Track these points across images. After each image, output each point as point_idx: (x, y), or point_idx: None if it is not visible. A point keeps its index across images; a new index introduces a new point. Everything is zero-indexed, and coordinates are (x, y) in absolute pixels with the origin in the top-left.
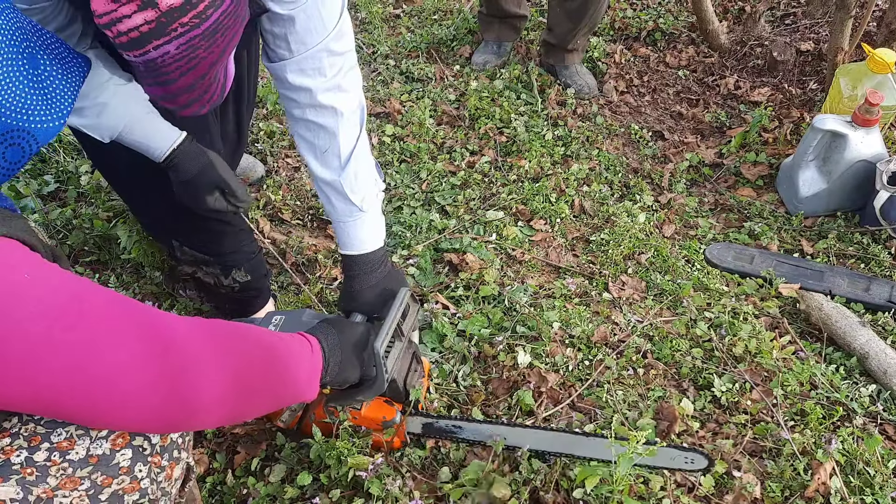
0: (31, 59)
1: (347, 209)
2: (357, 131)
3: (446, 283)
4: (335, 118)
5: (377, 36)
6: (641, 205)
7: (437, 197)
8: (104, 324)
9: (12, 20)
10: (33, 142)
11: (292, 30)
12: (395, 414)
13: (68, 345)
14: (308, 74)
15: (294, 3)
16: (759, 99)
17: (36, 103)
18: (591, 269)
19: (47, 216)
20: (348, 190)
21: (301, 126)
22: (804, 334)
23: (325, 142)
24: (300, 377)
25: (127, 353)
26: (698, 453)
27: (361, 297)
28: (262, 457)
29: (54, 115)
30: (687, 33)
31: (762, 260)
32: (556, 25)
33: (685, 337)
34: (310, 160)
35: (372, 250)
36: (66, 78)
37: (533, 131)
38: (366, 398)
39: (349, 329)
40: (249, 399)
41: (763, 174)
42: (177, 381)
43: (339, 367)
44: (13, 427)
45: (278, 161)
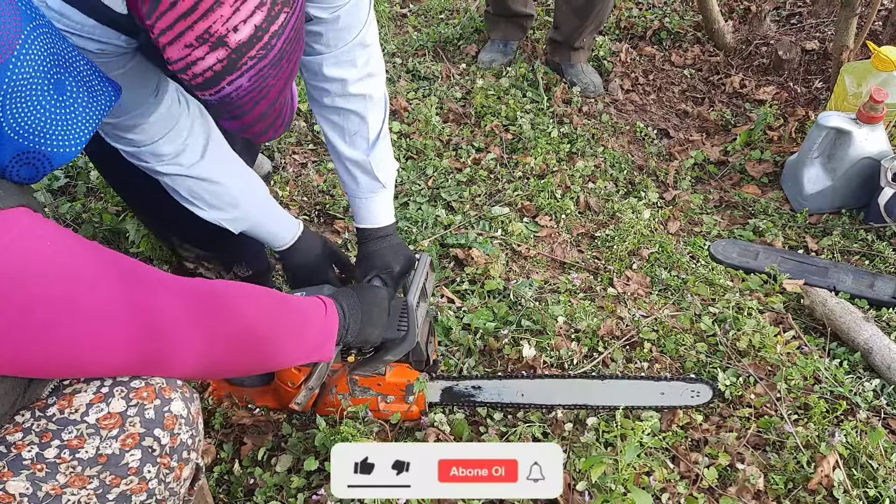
0: (57, 84)
1: (371, 185)
2: (383, 113)
3: (452, 278)
4: (365, 103)
5: (384, 34)
6: (646, 202)
7: (443, 193)
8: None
9: (47, 44)
10: (48, 164)
11: (334, 27)
12: (419, 376)
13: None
14: (343, 66)
15: (337, 7)
16: (765, 97)
17: (56, 129)
18: (596, 265)
19: (57, 210)
20: (375, 168)
21: (331, 112)
22: (808, 330)
23: (355, 126)
24: (309, 336)
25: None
26: (703, 383)
27: (377, 259)
28: (268, 447)
29: (72, 142)
30: (692, 32)
31: (767, 256)
32: (562, 23)
33: (690, 332)
34: (337, 142)
35: (388, 223)
36: (91, 106)
37: (539, 129)
38: (395, 357)
39: (370, 291)
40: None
41: (768, 172)
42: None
43: (360, 325)
44: (25, 422)
45: (286, 157)
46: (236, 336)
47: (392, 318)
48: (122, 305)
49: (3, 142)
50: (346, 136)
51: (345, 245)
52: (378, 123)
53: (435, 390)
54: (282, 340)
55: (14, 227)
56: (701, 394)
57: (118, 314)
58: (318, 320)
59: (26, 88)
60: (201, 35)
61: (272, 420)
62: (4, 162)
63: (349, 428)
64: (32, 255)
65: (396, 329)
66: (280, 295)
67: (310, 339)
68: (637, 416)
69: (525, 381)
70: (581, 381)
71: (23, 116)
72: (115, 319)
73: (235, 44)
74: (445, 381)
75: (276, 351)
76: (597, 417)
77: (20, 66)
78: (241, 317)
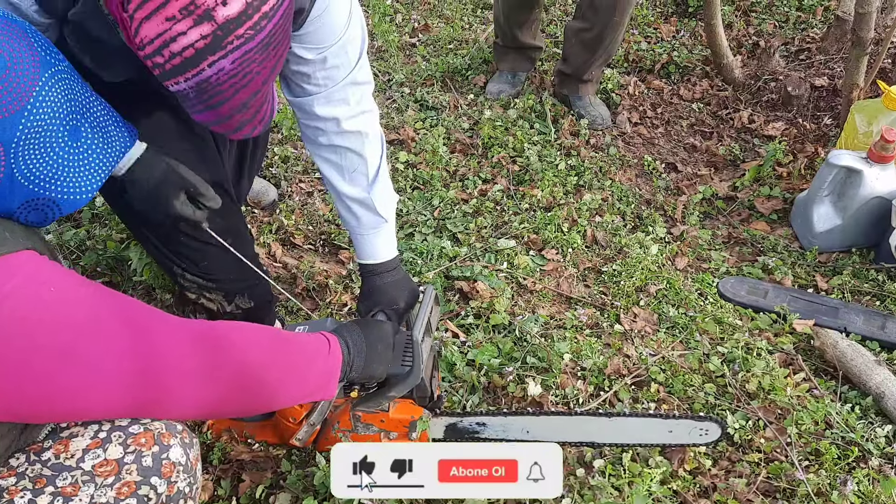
0: (73, 131)
1: (374, 221)
2: (381, 148)
3: (456, 311)
4: (361, 139)
5: (393, 64)
6: (654, 236)
7: (449, 224)
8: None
9: (65, 89)
10: (57, 210)
11: (322, 68)
12: (423, 412)
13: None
14: (335, 105)
15: (323, 48)
16: (774, 133)
17: (68, 176)
18: (602, 301)
19: (61, 237)
20: (377, 204)
21: (327, 151)
22: (819, 372)
23: (352, 163)
24: (311, 376)
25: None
26: (712, 421)
27: (381, 295)
28: (267, 485)
29: (83, 189)
30: (701, 67)
31: (776, 295)
32: (571, 55)
33: (698, 372)
34: (336, 180)
35: (392, 257)
36: (105, 152)
37: (546, 161)
38: (400, 393)
39: (375, 326)
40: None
41: (777, 208)
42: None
43: (364, 362)
44: (20, 466)
45: (292, 185)
46: (237, 379)
47: (397, 353)
48: (121, 353)
49: (13, 188)
50: (345, 175)
51: (349, 276)
52: (377, 159)
53: (439, 427)
54: (283, 382)
55: (18, 273)
56: (710, 432)
57: (117, 362)
58: (321, 360)
59: (41, 135)
60: (186, 6)
61: (271, 456)
62: (13, 208)
63: None
64: (34, 302)
65: (401, 364)
66: (282, 334)
67: (312, 379)
68: (645, 460)
69: (530, 417)
70: (587, 418)
71: (36, 164)
72: (114, 368)
73: (223, 19)
74: (449, 417)
75: (278, 393)
76: (604, 460)
77: (35, 114)
78: (243, 360)
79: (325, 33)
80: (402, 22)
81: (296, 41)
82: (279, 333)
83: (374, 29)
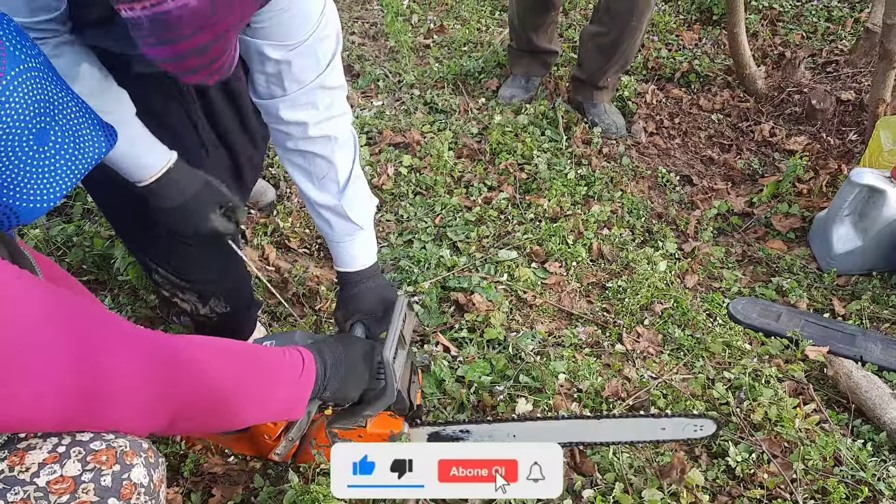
0: (40, 134)
1: (347, 228)
2: (353, 153)
3: (450, 324)
4: (330, 145)
5: (404, 65)
6: (663, 252)
7: (450, 232)
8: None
9: (34, 88)
10: (14, 218)
11: (288, 70)
12: (402, 426)
13: None
14: (302, 109)
15: (290, 45)
16: (795, 148)
17: (30, 182)
18: (604, 318)
19: (48, 232)
20: (349, 210)
21: (295, 156)
22: (830, 403)
23: (322, 169)
24: (275, 399)
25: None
26: (707, 419)
27: (359, 303)
28: (237, 500)
29: (43, 197)
30: (723, 76)
31: (789, 318)
32: (586, 61)
33: (701, 398)
34: (305, 186)
35: (370, 265)
36: (74, 158)
37: (555, 169)
38: (375, 412)
39: (355, 345)
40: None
41: (795, 227)
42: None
43: (339, 384)
44: None
45: (291, 187)
46: (194, 398)
47: (373, 372)
48: (64, 368)
49: None
50: (314, 180)
51: None
52: (347, 165)
53: (421, 435)
54: (246, 403)
55: None
56: (704, 427)
57: (58, 377)
58: (290, 384)
59: (2, 138)
60: None
61: (246, 469)
62: None
63: (322, 488)
64: None
65: (377, 382)
66: (251, 351)
67: (276, 403)
68: (639, 491)
69: (516, 423)
70: (575, 421)
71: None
72: (54, 382)
73: None
74: (432, 426)
75: (239, 413)
76: (594, 490)
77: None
78: (201, 379)
79: (294, 27)
80: (417, 22)
81: (261, 36)
82: (247, 349)
83: (387, 28)
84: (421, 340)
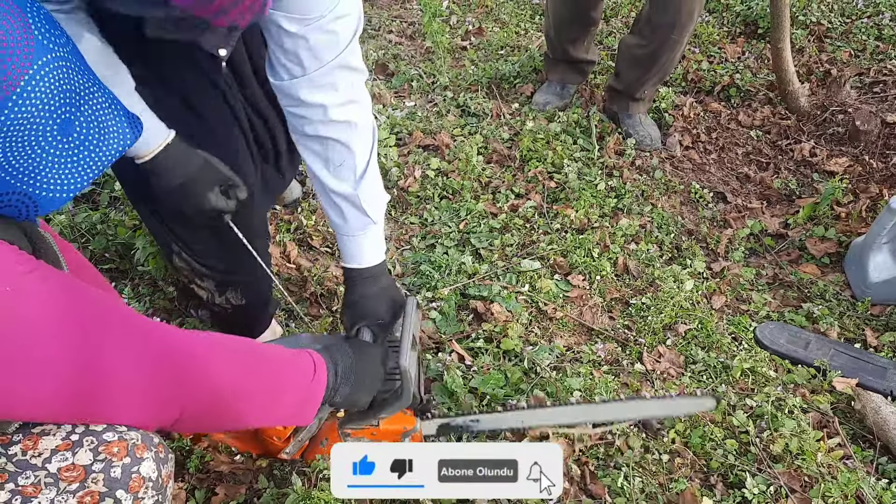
0: (64, 125)
1: (361, 221)
2: (371, 142)
3: (467, 333)
4: (349, 131)
5: (439, 66)
6: (691, 270)
7: (473, 239)
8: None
9: (61, 78)
10: (33, 207)
11: (305, 46)
12: (415, 422)
13: None
14: (321, 90)
15: (309, 20)
16: (836, 169)
17: (51, 173)
18: (625, 336)
19: (73, 219)
20: (364, 202)
21: (313, 142)
22: (856, 438)
23: (339, 156)
24: (283, 405)
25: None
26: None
27: (367, 308)
28: (240, 501)
29: (63, 188)
30: (764, 92)
31: (818, 347)
32: (623, 72)
33: (720, 425)
34: (321, 173)
35: (378, 262)
36: (98, 149)
37: (585, 179)
38: (389, 415)
39: (367, 352)
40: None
41: (830, 252)
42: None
43: (350, 390)
44: None
45: None
46: (199, 400)
47: (386, 378)
48: (65, 365)
49: None
50: (330, 167)
51: None
52: (366, 153)
53: (431, 426)
54: (253, 406)
55: None
56: (704, 405)
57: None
58: (300, 389)
59: (26, 127)
60: None
61: (252, 469)
62: None
63: (324, 493)
64: None
65: (389, 385)
66: (261, 352)
67: (284, 408)
68: None
69: (525, 411)
70: (582, 406)
71: (17, 156)
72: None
73: None
74: (441, 418)
75: (245, 416)
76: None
77: (22, 104)
78: (208, 381)
79: (311, 1)
80: (456, 24)
81: (279, 7)
82: (257, 351)
83: (424, 29)
84: (436, 348)
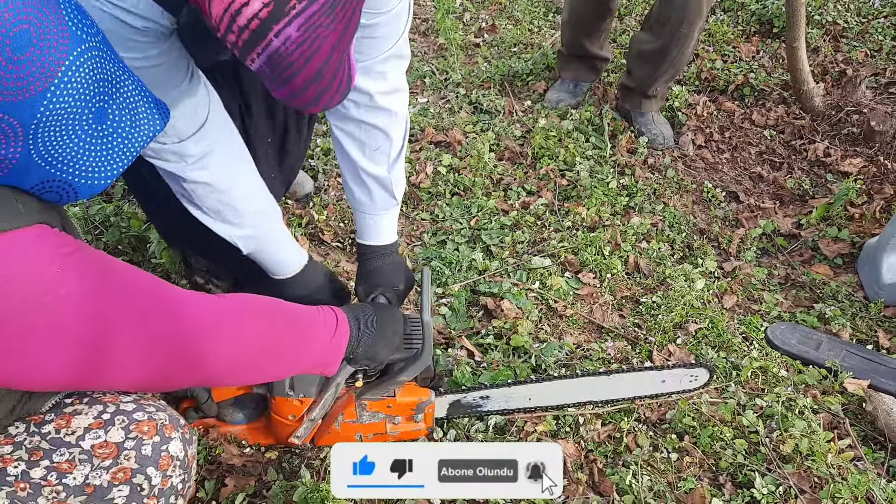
0: (99, 113)
1: (386, 202)
2: (406, 130)
3: (477, 329)
4: (390, 119)
5: (452, 63)
6: (703, 270)
7: (484, 235)
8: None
9: (95, 68)
10: (73, 193)
11: (369, 35)
12: (430, 393)
13: None
14: (372, 78)
15: (378, 14)
16: (850, 170)
17: (88, 160)
18: (635, 334)
19: (87, 210)
20: (394, 185)
21: (352, 125)
22: (867, 440)
23: (378, 142)
24: (310, 352)
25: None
26: (701, 367)
27: (381, 276)
28: (249, 492)
29: (102, 175)
30: (779, 91)
31: (830, 347)
32: (635, 69)
33: (730, 424)
34: (356, 155)
35: (393, 241)
36: (131, 135)
37: (597, 177)
38: (411, 376)
39: (386, 310)
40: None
41: (843, 252)
42: None
43: (372, 342)
44: (18, 435)
45: (329, 180)
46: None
47: (402, 338)
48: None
49: (29, 168)
50: (366, 151)
51: None
52: (400, 140)
53: (442, 405)
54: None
55: (13, 249)
56: (699, 377)
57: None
58: (324, 337)
59: (63, 117)
60: None
61: (262, 461)
62: (26, 187)
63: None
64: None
65: (410, 348)
66: (285, 308)
67: (310, 356)
68: None
69: (532, 385)
70: (587, 379)
71: (55, 146)
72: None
73: None
74: (453, 394)
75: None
76: None
77: (60, 95)
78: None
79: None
80: (469, 21)
81: None
82: (281, 306)
83: (437, 25)
84: (446, 344)
